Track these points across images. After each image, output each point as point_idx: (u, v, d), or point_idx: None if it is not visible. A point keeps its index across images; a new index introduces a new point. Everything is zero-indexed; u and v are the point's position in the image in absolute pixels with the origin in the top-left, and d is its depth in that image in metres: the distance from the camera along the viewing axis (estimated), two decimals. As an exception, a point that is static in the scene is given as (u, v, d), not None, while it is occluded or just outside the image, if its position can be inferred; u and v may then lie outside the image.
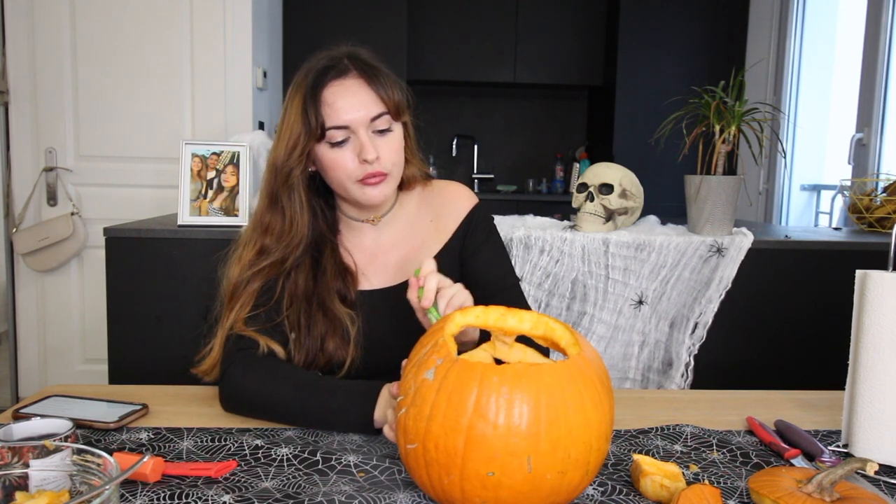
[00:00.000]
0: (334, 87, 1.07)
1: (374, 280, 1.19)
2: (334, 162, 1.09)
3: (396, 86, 1.11)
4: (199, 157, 2.05)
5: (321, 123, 1.06)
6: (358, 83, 1.08)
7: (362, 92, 1.08)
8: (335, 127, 1.07)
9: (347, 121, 1.06)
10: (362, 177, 1.09)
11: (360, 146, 1.07)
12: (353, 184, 1.10)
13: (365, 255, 1.20)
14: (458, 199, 1.24)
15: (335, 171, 1.10)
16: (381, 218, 1.19)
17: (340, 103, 1.06)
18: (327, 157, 1.09)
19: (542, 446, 0.68)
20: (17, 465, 0.67)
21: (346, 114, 1.06)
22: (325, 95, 1.07)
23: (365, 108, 1.07)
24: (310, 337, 1.10)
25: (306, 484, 0.81)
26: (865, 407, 0.91)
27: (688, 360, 1.97)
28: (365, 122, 1.07)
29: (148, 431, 0.96)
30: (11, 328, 3.11)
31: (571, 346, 0.80)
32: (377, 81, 1.08)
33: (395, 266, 1.20)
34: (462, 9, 4.48)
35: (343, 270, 1.15)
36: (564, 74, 4.53)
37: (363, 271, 1.18)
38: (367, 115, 1.07)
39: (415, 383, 0.74)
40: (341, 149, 1.08)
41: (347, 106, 1.06)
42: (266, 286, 1.11)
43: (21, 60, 3.01)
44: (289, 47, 3.89)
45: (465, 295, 0.98)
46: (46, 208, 3.06)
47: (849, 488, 0.75)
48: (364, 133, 1.07)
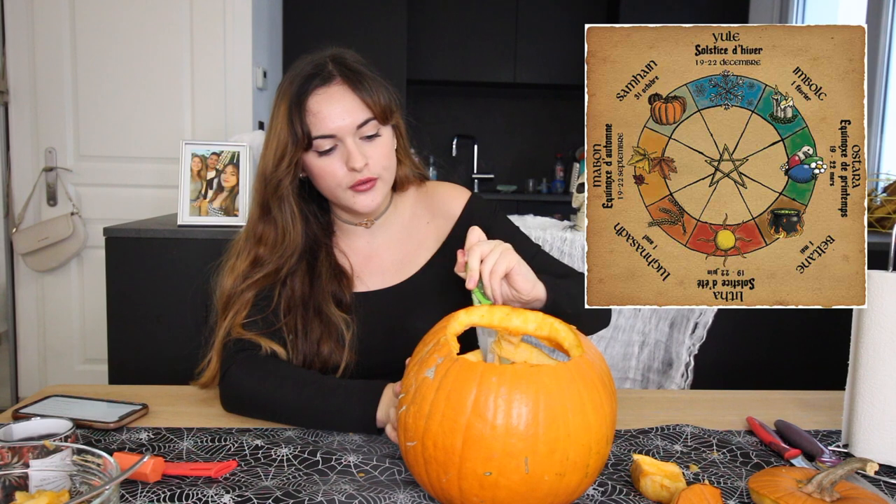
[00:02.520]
0: (319, 95, 1.05)
1: (370, 282, 1.18)
2: (323, 170, 1.07)
3: (382, 89, 1.09)
4: (199, 157, 2.05)
5: (307, 133, 1.05)
6: (342, 90, 1.06)
7: (347, 99, 1.06)
8: (321, 136, 1.05)
9: (333, 129, 1.05)
10: (352, 184, 1.07)
11: (348, 154, 1.05)
12: (344, 191, 1.08)
13: (360, 257, 1.19)
14: (450, 198, 1.23)
15: (324, 180, 1.08)
16: (375, 221, 1.18)
17: (326, 112, 1.05)
18: (316, 165, 1.08)
19: (540, 447, 0.68)
20: (17, 465, 0.67)
21: (331, 122, 1.05)
22: (309, 104, 1.05)
23: (350, 115, 1.05)
24: (306, 341, 1.09)
25: (306, 484, 0.81)
26: (865, 407, 0.91)
27: (688, 360, 1.97)
28: (351, 129, 1.05)
29: (148, 431, 0.96)
30: (11, 328, 3.11)
31: (575, 347, 0.80)
32: (362, 87, 1.06)
33: (390, 268, 1.19)
34: (462, 9, 4.48)
35: (338, 273, 1.14)
36: (564, 74, 4.53)
37: (358, 273, 1.17)
38: (352, 123, 1.05)
39: (416, 381, 0.75)
40: (329, 157, 1.07)
41: (333, 114, 1.05)
42: (262, 294, 1.10)
43: (21, 60, 3.00)
44: (289, 47, 3.89)
45: (507, 261, 0.93)
46: (46, 208, 3.06)
47: (849, 488, 0.75)
48: (351, 140, 1.05)
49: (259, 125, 3.30)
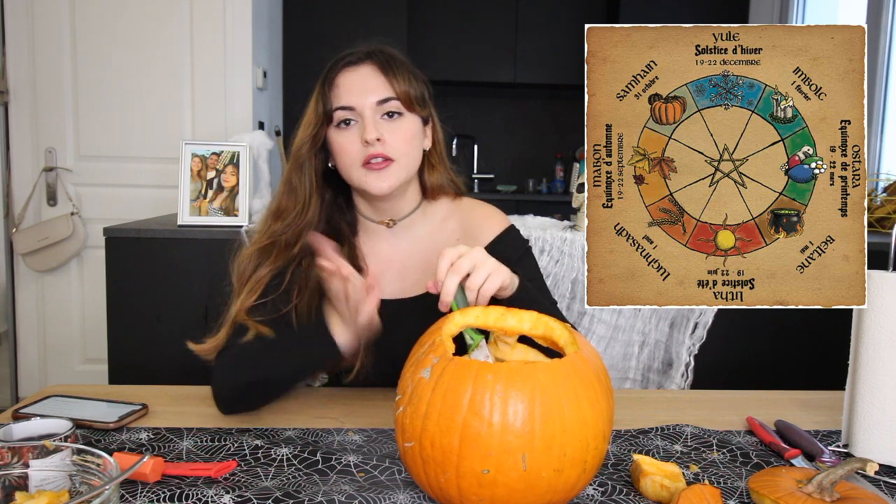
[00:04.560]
0: (347, 72, 1.09)
1: (388, 288, 1.15)
2: (340, 146, 1.08)
3: (413, 79, 1.10)
4: (199, 157, 2.05)
5: (329, 106, 1.08)
6: (371, 70, 1.08)
7: (373, 77, 1.08)
8: (340, 108, 1.07)
9: (353, 103, 1.07)
10: (365, 159, 1.06)
11: (364, 127, 1.06)
12: (357, 169, 1.08)
13: (380, 261, 1.16)
14: (487, 222, 1.21)
15: (340, 157, 1.09)
16: (399, 221, 1.16)
17: (349, 86, 1.07)
18: (335, 141, 1.09)
19: (537, 444, 0.68)
20: (17, 465, 0.67)
21: (353, 96, 1.07)
22: (337, 79, 1.09)
23: (374, 91, 1.07)
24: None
25: (306, 484, 0.81)
26: (865, 407, 0.91)
27: (688, 360, 1.97)
28: (371, 104, 1.06)
29: (148, 431, 0.96)
30: (11, 328, 3.11)
31: (569, 344, 0.80)
32: (391, 71, 1.08)
33: (411, 276, 1.16)
34: (462, 9, 4.48)
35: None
36: (564, 74, 4.53)
37: (377, 277, 1.14)
38: (374, 99, 1.07)
39: (412, 382, 0.75)
40: (347, 131, 1.08)
41: (355, 88, 1.07)
42: (276, 274, 1.10)
43: (21, 60, 3.01)
44: (289, 47, 3.89)
45: (495, 281, 0.90)
46: (46, 208, 3.06)
47: (849, 488, 0.75)
48: (370, 115, 1.06)
49: (259, 125, 3.30)
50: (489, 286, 0.90)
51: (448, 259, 0.89)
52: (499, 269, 0.92)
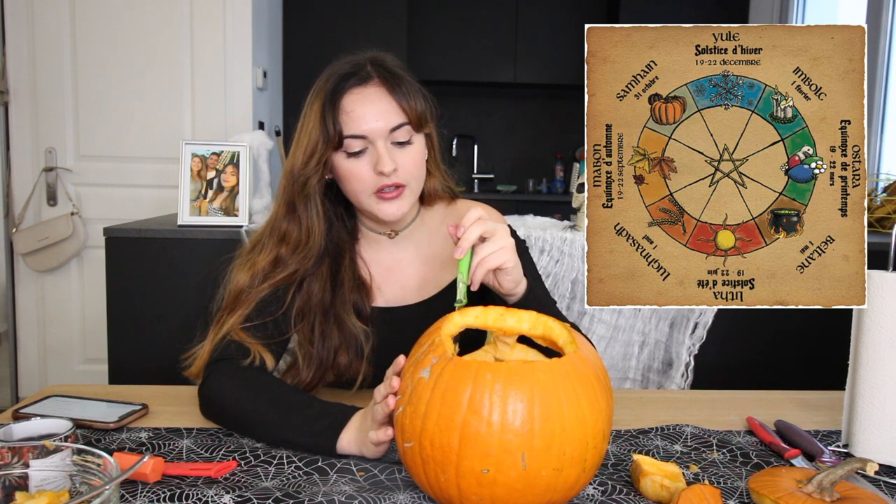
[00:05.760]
0: (354, 94, 1.04)
1: (389, 296, 1.15)
2: (350, 173, 1.05)
3: (420, 95, 1.07)
4: (199, 157, 2.05)
5: (339, 131, 1.03)
6: (379, 91, 1.04)
7: (383, 101, 1.04)
8: (353, 136, 1.03)
9: (366, 130, 1.03)
10: (378, 188, 1.05)
11: (378, 157, 1.03)
12: (369, 197, 1.06)
13: (381, 268, 1.16)
14: None
15: (350, 183, 1.06)
16: (400, 232, 1.15)
17: (360, 112, 1.03)
18: (344, 167, 1.05)
19: (536, 443, 0.68)
20: (17, 465, 0.67)
21: (364, 123, 1.02)
22: (344, 103, 1.03)
23: (384, 118, 1.03)
24: (323, 349, 1.06)
25: (306, 484, 0.81)
26: (865, 407, 0.91)
27: (688, 360, 1.97)
28: (384, 132, 1.03)
29: (148, 431, 0.96)
30: (11, 328, 3.11)
31: (568, 344, 0.80)
32: (399, 90, 1.04)
33: (411, 283, 1.16)
34: (462, 9, 4.48)
35: (360, 283, 1.12)
36: (564, 74, 4.53)
37: (378, 285, 1.14)
38: (386, 126, 1.03)
39: (411, 382, 0.75)
40: (358, 159, 1.04)
41: (367, 115, 1.03)
42: (273, 296, 1.07)
43: (21, 60, 3.00)
44: (289, 47, 3.89)
45: (503, 257, 0.92)
46: (46, 208, 3.06)
47: (849, 488, 0.75)
48: (382, 144, 1.03)
49: (259, 125, 3.30)
50: (492, 260, 0.92)
51: (478, 213, 0.92)
52: (510, 252, 0.94)
